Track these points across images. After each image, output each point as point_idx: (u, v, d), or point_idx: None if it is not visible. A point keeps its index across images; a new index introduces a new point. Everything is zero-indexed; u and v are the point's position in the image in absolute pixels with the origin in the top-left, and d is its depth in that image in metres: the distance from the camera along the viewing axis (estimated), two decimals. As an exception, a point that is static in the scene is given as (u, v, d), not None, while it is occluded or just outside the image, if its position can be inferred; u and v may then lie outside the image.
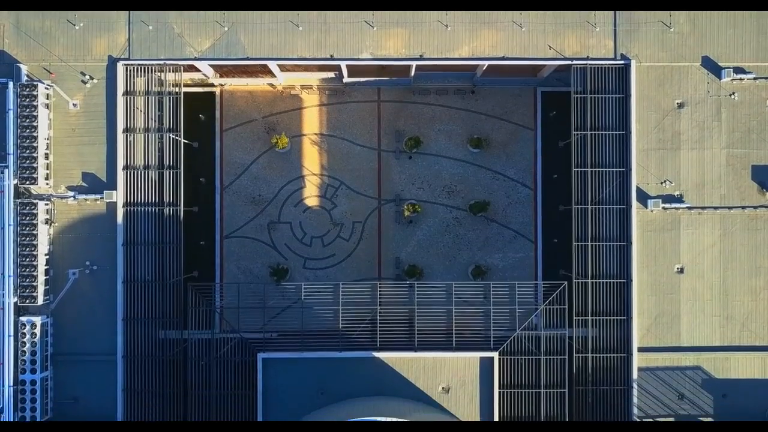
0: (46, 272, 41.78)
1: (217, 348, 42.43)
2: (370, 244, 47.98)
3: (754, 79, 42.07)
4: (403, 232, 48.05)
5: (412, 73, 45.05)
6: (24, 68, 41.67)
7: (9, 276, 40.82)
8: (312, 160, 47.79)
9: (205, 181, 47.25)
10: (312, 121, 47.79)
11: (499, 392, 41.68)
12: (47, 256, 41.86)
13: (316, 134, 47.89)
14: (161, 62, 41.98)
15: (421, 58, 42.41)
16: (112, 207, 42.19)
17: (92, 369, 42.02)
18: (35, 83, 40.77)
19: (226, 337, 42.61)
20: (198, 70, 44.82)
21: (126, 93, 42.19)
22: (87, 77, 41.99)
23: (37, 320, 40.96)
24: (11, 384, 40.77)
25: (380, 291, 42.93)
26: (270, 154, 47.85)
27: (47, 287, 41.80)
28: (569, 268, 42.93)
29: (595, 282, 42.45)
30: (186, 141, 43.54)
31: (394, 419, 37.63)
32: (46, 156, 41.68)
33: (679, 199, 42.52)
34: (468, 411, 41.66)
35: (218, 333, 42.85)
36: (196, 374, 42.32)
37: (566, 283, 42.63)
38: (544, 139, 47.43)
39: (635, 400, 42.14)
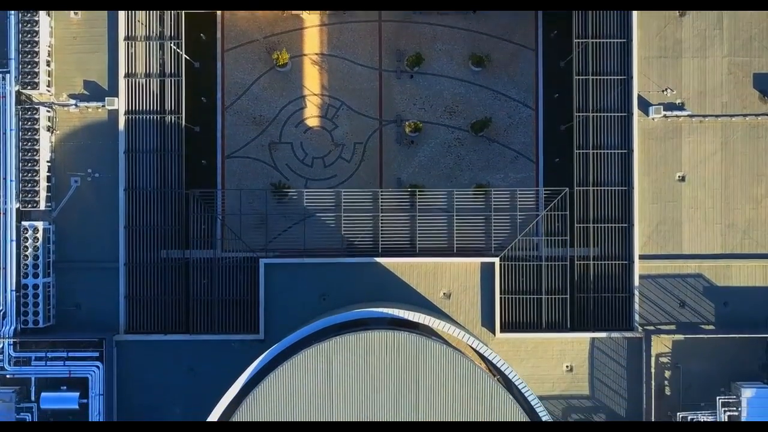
0: (48, 179, 41.90)
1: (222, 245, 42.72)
2: (371, 164, 47.97)
3: (756, -15, 42.10)
4: (405, 153, 48.04)
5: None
6: (25, -25, 41.82)
7: (11, 181, 40.95)
8: (313, 81, 47.80)
9: (207, 101, 47.28)
10: (313, 41, 47.80)
11: (500, 298, 41.69)
12: (49, 163, 41.99)
13: (316, 54, 47.89)
14: (162, -29, 42.06)
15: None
16: (113, 115, 42.29)
17: (94, 277, 42.14)
18: (36, -11, 40.90)
19: (228, 244, 42.89)
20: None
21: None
22: (88, -15, 42.17)
23: (39, 225, 41.07)
24: (13, 289, 40.85)
25: (381, 198, 42.97)
26: (271, 75, 47.88)
27: (49, 194, 41.94)
28: (571, 186, 42.96)
29: (597, 190, 42.47)
30: (187, 58, 43.64)
31: (398, 312, 37.83)
32: (48, 63, 41.77)
33: (681, 107, 42.54)
34: (469, 317, 41.69)
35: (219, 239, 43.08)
36: (198, 283, 42.45)
37: (567, 189, 42.66)
38: (545, 59, 47.39)
39: (637, 307, 42.14)
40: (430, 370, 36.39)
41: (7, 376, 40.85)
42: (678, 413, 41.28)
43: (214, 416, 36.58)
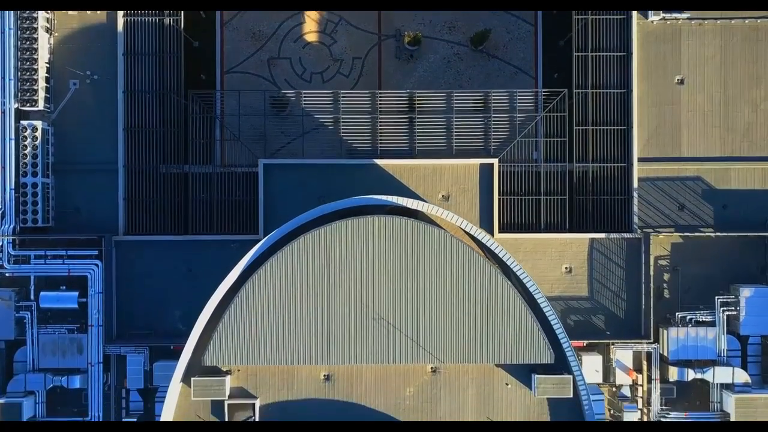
0: (47, 80, 41.85)
1: (221, 155, 42.63)
2: (369, 80, 47.82)
3: None
4: (404, 68, 47.92)
5: None
6: None
7: (9, 80, 40.89)
8: (312, -5, 47.68)
9: (206, 16, 47.19)
10: (311, -45, 47.67)
11: (499, 199, 41.67)
12: (48, 65, 41.91)
13: (315, -32, 47.77)
14: None
15: None
16: (112, 17, 42.23)
17: (93, 179, 42.12)
18: None
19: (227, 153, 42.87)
20: None
21: None
22: None
23: (38, 124, 41.05)
24: (12, 188, 40.83)
25: (380, 100, 42.94)
26: (270, -11, 47.74)
27: (48, 95, 41.86)
28: (570, 89, 42.91)
29: (596, 92, 42.47)
30: (186, -34, 43.56)
31: (398, 200, 37.80)
32: (46, -36, 41.74)
33: (679, 10, 42.45)
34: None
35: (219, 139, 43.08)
36: (197, 186, 42.48)
37: (566, 90, 42.65)
38: (544, -29, 47.26)
39: (636, 209, 42.13)
40: (429, 255, 36.43)
41: (6, 274, 40.76)
42: (677, 313, 41.23)
43: (213, 302, 36.57)
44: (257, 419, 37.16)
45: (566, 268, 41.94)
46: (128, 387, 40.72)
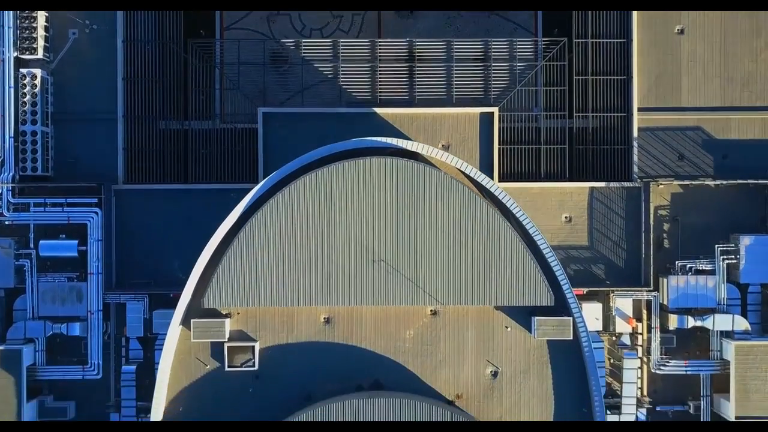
0: (46, 29, 41.76)
1: (221, 109, 42.56)
2: (369, 36, 47.74)
3: None
4: (403, 24, 47.92)
5: None
6: None
7: (8, 27, 40.84)
8: (312, -49, 47.59)
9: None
10: None
11: (499, 148, 41.63)
12: (46, 14, 41.82)
13: None
14: None
15: None
16: (112, -33, 42.18)
17: (93, 129, 42.05)
18: None
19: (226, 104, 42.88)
20: None
21: None
22: None
23: (38, 72, 41.01)
24: (11, 136, 40.80)
25: (379, 48, 42.89)
26: (270, -55, 47.67)
27: (47, 44, 41.78)
28: (570, 39, 42.88)
29: (596, 42, 42.43)
30: None
31: (399, 143, 37.76)
32: None
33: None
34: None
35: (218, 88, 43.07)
36: (197, 142, 42.49)
37: (566, 40, 42.63)
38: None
39: (635, 159, 42.08)
40: (429, 197, 36.40)
41: (6, 222, 40.74)
42: (676, 262, 41.19)
43: (213, 243, 36.55)
44: (257, 363, 37.09)
45: (566, 217, 41.90)
46: (128, 335, 40.67)
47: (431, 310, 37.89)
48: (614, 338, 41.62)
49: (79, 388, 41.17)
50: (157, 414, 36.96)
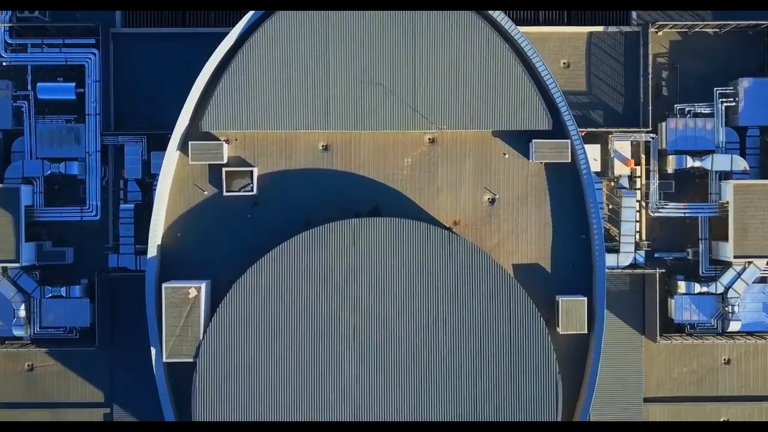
0: None
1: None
2: None
3: None
4: None
5: None
6: None
7: None
8: None
9: None
10: None
11: (498, -8, 41.47)
12: None
13: None
14: None
15: None
16: None
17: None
18: None
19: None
20: None
21: None
22: None
23: None
24: (9, -23, 40.68)
25: None
26: None
27: None
28: None
29: None
30: None
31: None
32: None
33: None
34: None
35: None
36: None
37: None
38: None
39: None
40: (427, 19, 36.36)
41: (3, 63, 40.67)
42: (675, 105, 41.17)
43: (212, 63, 36.52)
44: (255, 188, 37.06)
45: (564, 63, 41.81)
46: (126, 177, 40.57)
47: (429, 138, 37.87)
48: (613, 183, 41.53)
49: (77, 233, 41.10)
50: (154, 238, 36.93)
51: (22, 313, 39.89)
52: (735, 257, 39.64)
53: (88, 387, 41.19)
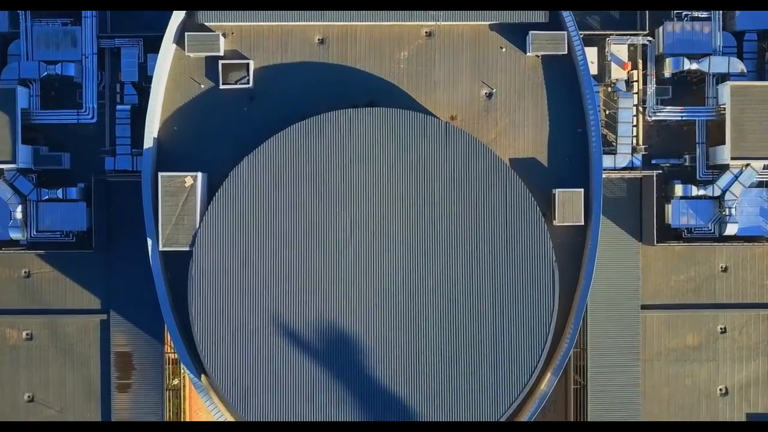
0: None
1: None
2: None
3: None
4: None
5: None
6: None
7: None
8: None
9: None
10: None
11: None
12: None
13: None
14: None
15: None
16: None
17: None
18: None
19: None
20: None
21: None
22: None
23: None
24: None
25: None
26: None
27: None
28: None
29: None
30: None
31: None
32: None
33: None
34: None
35: None
36: None
37: None
38: None
39: None
40: None
41: (-1, -35, 40.51)
42: (672, 11, 41.04)
43: (206, -46, 36.43)
44: (251, 81, 37.01)
45: (562, -35, 41.65)
46: (122, 80, 40.47)
47: (426, 31, 37.81)
48: (610, 89, 41.43)
49: (73, 138, 41.04)
50: (151, 129, 36.88)
51: (18, 215, 39.78)
52: (732, 159, 39.56)
53: (85, 294, 41.02)
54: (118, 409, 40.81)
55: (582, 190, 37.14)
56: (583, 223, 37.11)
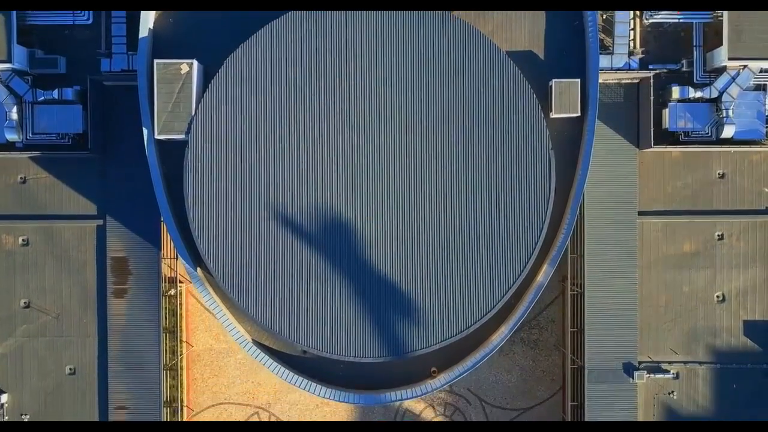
0: None
1: None
2: None
3: None
4: None
5: None
6: None
7: None
8: None
9: None
10: None
11: None
12: None
13: None
14: None
15: None
16: None
17: None
18: None
19: None
20: None
21: None
22: None
23: None
24: None
25: None
26: None
27: None
28: None
29: None
30: None
31: None
32: None
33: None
34: None
35: None
36: None
37: None
38: None
39: None
40: None
41: None
42: None
43: None
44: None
45: None
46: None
47: (422, -75, 37.63)
48: (606, -7, 41.29)
49: (69, 41, 40.85)
50: (146, 21, 36.77)
51: (14, 115, 39.64)
52: (729, 59, 39.45)
53: (81, 199, 40.94)
54: (114, 315, 40.68)
55: (579, 80, 37.03)
56: (579, 114, 36.99)
